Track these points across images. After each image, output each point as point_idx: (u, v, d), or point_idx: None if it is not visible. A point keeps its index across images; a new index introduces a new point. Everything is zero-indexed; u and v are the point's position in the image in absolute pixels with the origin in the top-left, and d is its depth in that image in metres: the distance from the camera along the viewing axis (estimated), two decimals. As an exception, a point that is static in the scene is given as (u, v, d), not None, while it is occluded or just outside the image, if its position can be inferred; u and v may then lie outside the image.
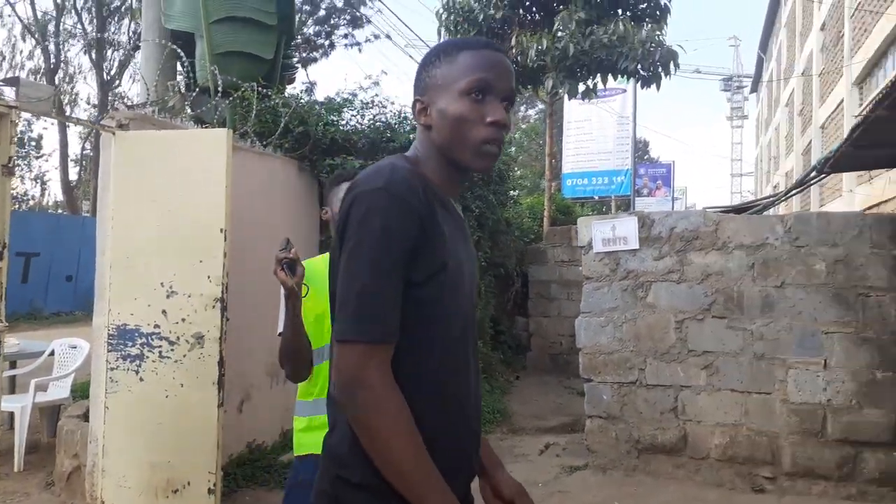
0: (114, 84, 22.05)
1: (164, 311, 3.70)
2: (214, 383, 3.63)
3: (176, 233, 3.72)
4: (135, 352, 3.71)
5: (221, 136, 3.80)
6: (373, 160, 5.81)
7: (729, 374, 4.52)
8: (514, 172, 11.37)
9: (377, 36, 19.95)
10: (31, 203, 28.15)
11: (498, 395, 7.11)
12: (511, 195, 9.69)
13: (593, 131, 18.00)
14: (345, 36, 20.23)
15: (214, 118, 5.03)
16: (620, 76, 10.10)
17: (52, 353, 5.55)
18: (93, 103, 23.10)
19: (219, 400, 3.62)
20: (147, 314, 3.72)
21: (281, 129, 5.31)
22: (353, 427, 1.15)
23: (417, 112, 1.32)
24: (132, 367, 3.71)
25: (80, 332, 6.10)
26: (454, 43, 1.32)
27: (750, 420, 4.46)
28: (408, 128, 6.46)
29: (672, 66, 9.73)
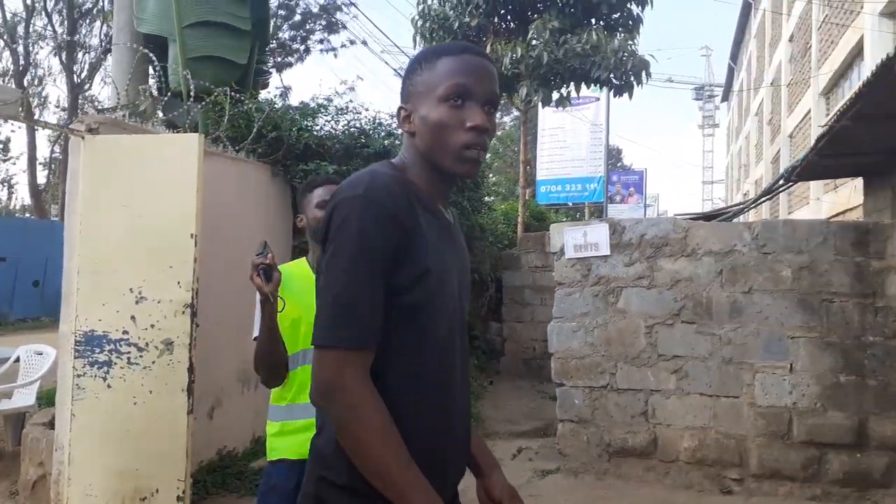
0: (84, 87, 21.73)
1: (133, 317, 3.66)
2: (184, 390, 3.59)
3: (146, 238, 3.68)
4: (103, 358, 3.66)
5: (193, 141, 3.77)
6: (347, 166, 5.80)
7: (698, 379, 4.59)
8: (489, 179, 11.44)
9: (353, 41, 19.93)
10: (-2, 207, 27.66)
11: (471, 400, 7.10)
12: (485, 201, 9.73)
13: (567, 139, 18.22)
14: (320, 41, 20.18)
15: (186, 123, 4.98)
16: (594, 85, 10.24)
17: (18, 360, 5.44)
18: (62, 106, 22.73)
19: (188, 407, 3.59)
20: (115, 320, 3.67)
21: (254, 134, 5.27)
22: (335, 431, 1.17)
23: (402, 119, 1.33)
24: (100, 374, 3.65)
25: (47, 339, 5.99)
26: (434, 49, 1.34)
27: (718, 423, 4.53)
28: (382, 134, 6.46)
29: (644, 76, 9.89)
